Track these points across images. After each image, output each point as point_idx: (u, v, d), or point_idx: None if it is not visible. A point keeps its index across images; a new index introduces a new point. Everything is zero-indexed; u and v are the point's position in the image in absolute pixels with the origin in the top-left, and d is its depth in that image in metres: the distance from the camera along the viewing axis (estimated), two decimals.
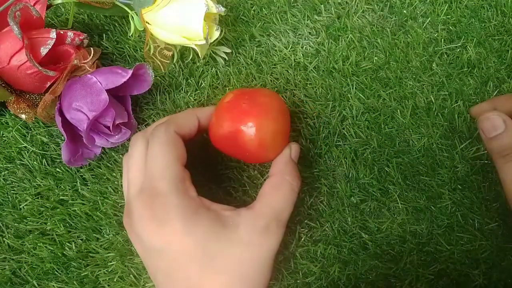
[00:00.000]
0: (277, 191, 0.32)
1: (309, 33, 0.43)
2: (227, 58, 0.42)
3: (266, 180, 0.33)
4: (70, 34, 0.38)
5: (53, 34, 0.36)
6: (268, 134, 0.32)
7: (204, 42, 0.37)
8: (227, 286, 0.29)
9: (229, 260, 0.29)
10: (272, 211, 0.31)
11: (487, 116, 0.34)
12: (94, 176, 0.40)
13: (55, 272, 0.38)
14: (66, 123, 0.37)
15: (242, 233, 0.29)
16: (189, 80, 0.43)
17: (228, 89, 0.42)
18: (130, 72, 0.37)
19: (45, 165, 0.41)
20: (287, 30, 0.44)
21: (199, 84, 0.43)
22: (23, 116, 0.39)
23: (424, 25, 0.43)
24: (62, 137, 0.41)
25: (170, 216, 0.29)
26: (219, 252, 0.29)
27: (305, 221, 0.39)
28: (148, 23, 0.37)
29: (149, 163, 0.31)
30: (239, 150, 0.33)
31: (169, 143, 0.31)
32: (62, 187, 0.40)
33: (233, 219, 0.30)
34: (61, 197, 0.40)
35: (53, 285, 0.38)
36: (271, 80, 0.42)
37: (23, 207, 0.40)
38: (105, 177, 0.40)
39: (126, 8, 0.39)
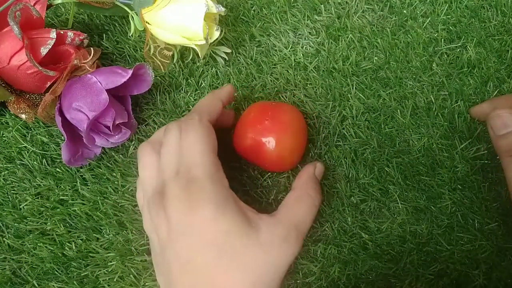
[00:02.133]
0: (300, 203, 0.33)
1: (309, 33, 0.43)
2: (227, 58, 0.42)
3: (290, 192, 0.35)
4: (70, 34, 0.38)
5: (53, 34, 0.36)
6: (286, 148, 0.36)
7: (204, 42, 0.37)
8: (238, 283, 0.29)
9: (246, 258, 0.29)
10: (293, 221, 0.32)
11: (498, 113, 0.34)
12: (94, 176, 0.40)
13: (55, 272, 0.38)
14: (66, 123, 0.37)
15: (263, 236, 0.30)
16: (189, 80, 0.43)
17: None
18: (130, 72, 0.37)
19: (45, 165, 0.41)
20: (287, 30, 0.44)
21: (199, 84, 0.43)
22: (23, 116, 0.39)
23: (424, 25, 0.43)
24: (62, 137, 0.41)
25: (203, 202, 0.29)
26: (238, 248, 0.29)
27: None
28: (148, 23, 0.37)
29: (186, 151, 0.31)
30: (259, 159, 0.36)
31: (204, 132, 0.32)
32: (62, 187, 0.40)
33: (256, 221, 0.31)
34: (61, 197, 0.40)
35: (53, 285, 0.38)
36: (271, 80, 0.42)
37: (23, 207, 0.40)
38: (105, 177, 0.40)
39: (126, 8, 0.39)
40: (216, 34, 0.38)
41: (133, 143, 0.41)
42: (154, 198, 0.31)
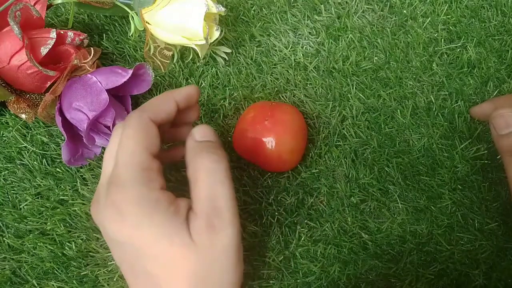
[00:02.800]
0: (196, 180, 0.29)
1: (309, 33, 0.43)
2: (227, 58, 0.42)
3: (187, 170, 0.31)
4: (70, 34, 0.38)
5: (53, 34, 0.36)
6: (286, 148, 0.36)
7: (204, 42, 0.37)
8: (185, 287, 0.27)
9: (183, 263, 0.27)
10: (203, 205, 0.28)
11: (500, 113, 0.33)
12: (94, 176, 0.40)
13: (55, 271, 0.38)
14: (66, 123, 0.37)
15: (193, 235, 0.27)
16: (189, 80, 0.43)
17: (228, 89, 0.42)
18: (130, 72, 0.37)
19: (45, 165, 0.41)
20: (287, 30, 0.44)
21: (199, 84, 0.43)
22: (23, 116, 0.39)
23: (424, 25, 0.43)
24: (62, 137, 0.41)
25: (128, 209, 0.27)
26: (173, 254, 0.27)
27: (305, 221, 0.39)
28: (148, 23, 0.37)
29: (118, 151, 0.29)
30: (259, 160, 0.36)
31: (140, 130, 0.29)
32: (62, 187, 0.40)
33: (190, 218, 0.28)
34: (61, 197, 0.40)
35: (53, 285, 0.38)
36: (271, 80, 0.42)
37: (23, 207, 0.40)
38: None
39: (126, 8, 0.39)
40: (216, 34, 0.38)
41: None
42: (92, 205, 0.30)
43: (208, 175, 0.29)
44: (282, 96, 0.42)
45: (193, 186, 0.29)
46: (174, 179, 0.39)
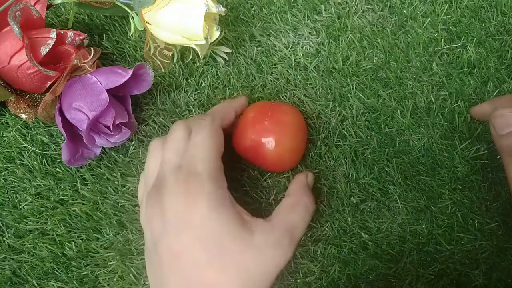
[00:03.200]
0: (294, 210, 0.34)
1: (309, 33, 0.43)
2: (227, 58, 0.42)
3: (285, 198, 0.35)
4: (70, 34, 0.38)
5: (53, 34, 0.36)
6: (286, 148, 0.36)
7: (204, 42, 0.37)
8: (228, 285, 0.29)
9: (238, 260, 0.29)
10: (287, 227, 0.32)
11: (501, 113, 0.33)
12: (94, 176, 0.40)
13: (55, 271, 0.38)
14: (66, 123, 0.37)
15: (257, 240, 0.30)
16: (189, 80, 0.43)
17: (228, 89, 0.42)
18: (130, 72, 0.37)
19: (45, 165, 0.41)
20: (287, 30, 0.44)
21: (199, 84, 0.43)
22: (23, 116, 0.39)
23: (424, 25, 0.43)
24: (62, 137, 0.41)
25: (201, 198, 0.30)
26: (231, 249, 0.29)
27: None
28: (148, 23, 0.37)
29: (193, 147, 0.32)
30: (259, 160, 0.36)
31: (214, 134, 0.33)
32: (62, 187, 0.40)
33: (251, 224, 0.31)
34: (61, 197, 0.40)
35: (53, 285, 0.38)
36: (271, 80, 0.42)
37: (23, 207, 0.40)
38: (105, 177, 0.40)
39: (126, 8, 0.39)
40: (216, 34, 0.38)
41: (133, 143, 0.41)
42: (152, 190, 0.32)
43: (301, 211, 0.34)
44: (282, 96, 0.42)
45: (286, 206, 0.34)
46: None
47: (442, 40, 0.42)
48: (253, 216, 0.32)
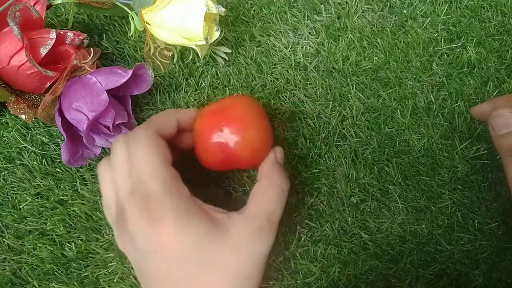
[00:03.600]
0: (267, 193, 0.32)
1: (309, 33, 0.43)
2: (227, 58, 0.42)
3: (256, 183, 0.33)
4: (70, 34, 0.38)
5: (53, 34, 0.36)
6: (255, 141, 0.34)
7: (204, 42, 0.37)
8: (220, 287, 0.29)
9: (221, 263, 0.29)
10: (263, 213, 0.31)
11: (499, 113, 0.33)
12: (94, 176, 0.40)
13: (55, 272, 0.38)
14: (66, 123, 0.37)
15: (233, 236, 0.29)
16: (189, 80, 0.43)
17: (228, 89, 0.42)
18: (130, 72, 0.37)
19: (45, 165, 0.40)
20: (287, 30, 0.44)
21: (199, 84, 0.43)
22: (23, 116, 0.39)
23: (424, 25, 0.43)
24: (62, 137, 0.41)
25: (164, 217, 0.28)
26: (211, 255, 0.29)
27: (305, 221, 0.39)
28: (148, 23, 0.37)
29: (136, 166, 0.30)
30: (234, 162, 0.34)
31: (151, 143, 0.31)
32: (62, 187, 0.40)
33: (225, 221, 0.30)
34: (61, 197, 0.40)
35: (54, 286, 0.38)
36: (271, 80, 0.42)
37: (23, 207, 0.40)
38: None
39: (126, 8, 0.39)
40: (216, 35, 0.38)
41: None
42: (117, 220, 0.30)
43: (275, 194, 0.32)
44: (282, 96, 0.42)
45: (258, 191, 0.32)
46: None
47: (442, 40, 0.42)
48: (237, 207, 0.31)
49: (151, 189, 0.29)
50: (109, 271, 0.38)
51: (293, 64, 0.42)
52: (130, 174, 0.30)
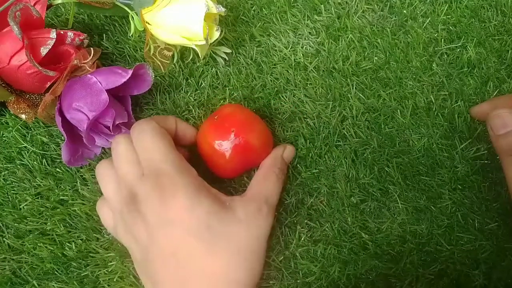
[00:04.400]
0: (265, 180, 0.36)
1: (309, 33, 0.43)
2: (227, 58, 0.42)
3: (257, 171, 0.37)
4: (70, 34, 0.38)
5: (53, 34, 0.36)
6: (263, 133, 0.37)
7: (204, 42, 0.37)
8: (227, 262, 0.31)
9: (229, 238, 0.31)
10: (262, 196, 0.34)
11: (498, 113, 0.34)
12: (94, 176, 0.40)
13: (55, 272, 0.38)
14: (66, 123, 0.37)
15: (240, 214, 0.32)
16: (189, 80, 0.43)
17: (228, 89, 0.42)
18: (130, 72, 0.37)
19: (45, 165, 0.40)
20: (287, 30, 0.44)
21: (199, 84, 0.43)
22: (23, 116, 0.39)
23: (424, 25, 0.43)
24: (62, 137, 0.41)
25: (177, 193, 0.30)
26: (220, 230, 0.31)
27: (305, 221, 0.39)
28: (148, 23, 0.37)
29: (144, 152, 0.32)
30: (249, 161, 0.37)
31: (156, 132, 0.33)
32: (62, 187, 0.40)
33: (230, 203, 0.33)
34: (61, 197, 0.40)
35: (54, 285, 0.38)
36: (271, 80, 0.42)
37: (23, 207, 0.40)
38: None
39: (126, 8, 0.39)
40: (216, 34, 0.38)
41: None
42: (126, 206, 0.31)
43: (273, 182, 0.35)
44: (282, 96, 0.42)
45: (258, 179, 0.36)
46: None
47: (442, 40, 0.42)
48: (229, 195, 0.34)
49: (163, 168, 0.31)
50: (109, 270, 0.38)
51: (293, 64, 0.42)
52: (138, 162, 0.32)
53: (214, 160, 0.36)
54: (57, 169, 0.40)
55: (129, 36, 0.44)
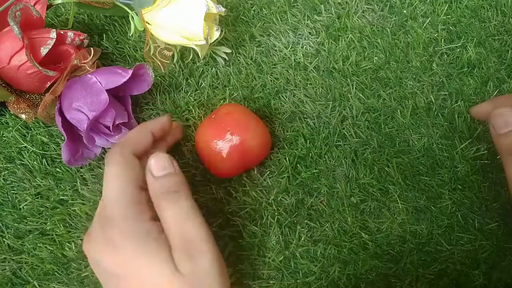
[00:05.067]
0: (166, 221, 0.30)
1: (309, 33, 0.43)
2: (227, 58, 0.42)
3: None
4: (70, 34, 0.38)
5: (53, 34, 0.36)
6: (261, 133, 0.37)
7: (204, 42, 0.37)
8: None
9: None
10: (177, 240, 0.30)
11: (500, 112, 0.33)
12: (94, 176, 0.40)
13: (56, 273, 0.38)
14: (66, 123, 0.37)
15: (178, 266, 0.29)
16: (189, 80, 0.43)
17: (228, 89, 0.42)
18: (130, 72, 0.37)
19: (45, 165, 0.40)
20: (287, 30, 0.44)
21: (199, 84, 0.43)
22: (23, 116, 0.39)
23: (424, 25, 0.43)
24: (62, 137, 0.41)
25: (122, 243, 0.29)
26: (165, 283, 0.28)
27: (305, 221, 0.39)
28: (148, 23, 0.37)
29: (105, 188, 0.31)
30: (246, 161, 0.37)
31: (124, 166, 0.31)
32: (62, 187, 0.40)
33: (172, 252, 0.30)
34: (61, 197, 0.40)
35: (54, 286, 0.38)
36: (271, 80, 0.42)
37: (23, 207, 0.40)
38: None
39: (126, 8, 0.39)
40: (216, 34, 0.38)
41: None
42: (84, 241, 0.32)
43: (174, 214, 0.30)
44: (282, 96, 0.42)
45: (163, 224, 0.30)
46: None
47: (442, 40, 0.42)
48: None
49: (112, 214, 0.29)
50: None
51: (293, 64, 0.42)
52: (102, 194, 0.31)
53: (211, 160, 0.36)
54: (57, 169, 0.40)
55: (129, 36, 0.44)
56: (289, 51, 0.43)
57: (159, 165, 0.31)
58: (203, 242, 0.30)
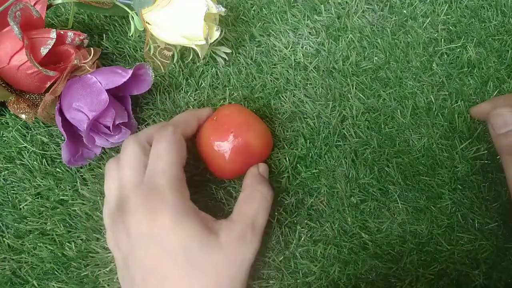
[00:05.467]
0: (250, 201, 0.34)
1: (309, 33, 0.43)
2: (227, 58, 0.42)
3: (240, 193, 0.36)
4: (70, 34, 0.38)
5: (53, 34, 0.36)
6: (263, 133, 0.37)
7: (204, 42, 0.37)
8: None
9: (208, 265, 0.30)
10: (246, 219, 0.33)
11: (499, 112, 0.33)
12: (94, 176, 0.40)
13: (55, 272, 0.38)
14: (66, 123, 0.37)
15: (222, 240, 0.31)
16: (189, 80, 0.43)
17: (228, 89, 0.42)
18: (130, 72, 0.37)
19: (45, 165, 0.40)
20: (287, 30, 0.44)
21: (199, 84, 0.43)
22: (23, 116, 0.39)
23: (424, 25, 0.43)
24: (62, 137, 0.41)
25: (162, 210, 0.30)
26: (199, 257, 0.30)
27: (305, 221, 0.39)
28: (148, 23, 0.37)
29: (153, 160, 0.32)
30: (250, 161, 0.37)
31: (176, 144, 0.33)
32: (62, 187, 0.40)
33: (215, 228, 0.32)
34: (61, 197, 0.40)
35: (53, 285, 0.38)
36: (271, 80, 0.42)
37: (23, 207, 0.40)
38: None
39: (126, 8, 0.39)
40: (216, 34, 0.38)
41: None
42: (115, 211, 0.31)
43: (258, 201, 0.34)
44: (282, 96, 0.42)
45: (243, 200, 0.35)
46: None
47: (442, 40, 0.42)
48: (228, 209, 0.33)
49: (159, 182, 0.31)
50: (109, 270, 0.38)
51: (293, 64, 0.42)
52: (141, 169, 0.32)
53: (214, 161, 0.36)
54: (57, 169, 0.40)
55: (129, 36, 0.44)
56: (289, 51, 0.43)
57: (265, 168, 0.38)
58: (260, 234, 0.34)
